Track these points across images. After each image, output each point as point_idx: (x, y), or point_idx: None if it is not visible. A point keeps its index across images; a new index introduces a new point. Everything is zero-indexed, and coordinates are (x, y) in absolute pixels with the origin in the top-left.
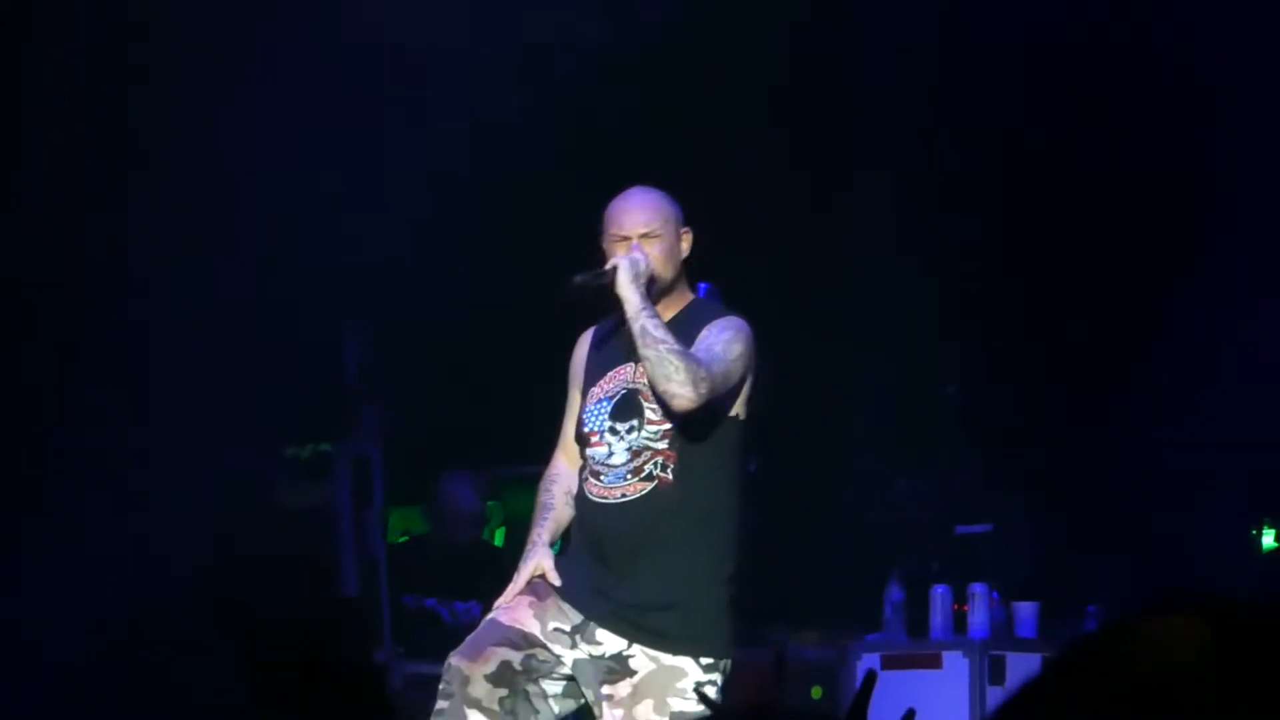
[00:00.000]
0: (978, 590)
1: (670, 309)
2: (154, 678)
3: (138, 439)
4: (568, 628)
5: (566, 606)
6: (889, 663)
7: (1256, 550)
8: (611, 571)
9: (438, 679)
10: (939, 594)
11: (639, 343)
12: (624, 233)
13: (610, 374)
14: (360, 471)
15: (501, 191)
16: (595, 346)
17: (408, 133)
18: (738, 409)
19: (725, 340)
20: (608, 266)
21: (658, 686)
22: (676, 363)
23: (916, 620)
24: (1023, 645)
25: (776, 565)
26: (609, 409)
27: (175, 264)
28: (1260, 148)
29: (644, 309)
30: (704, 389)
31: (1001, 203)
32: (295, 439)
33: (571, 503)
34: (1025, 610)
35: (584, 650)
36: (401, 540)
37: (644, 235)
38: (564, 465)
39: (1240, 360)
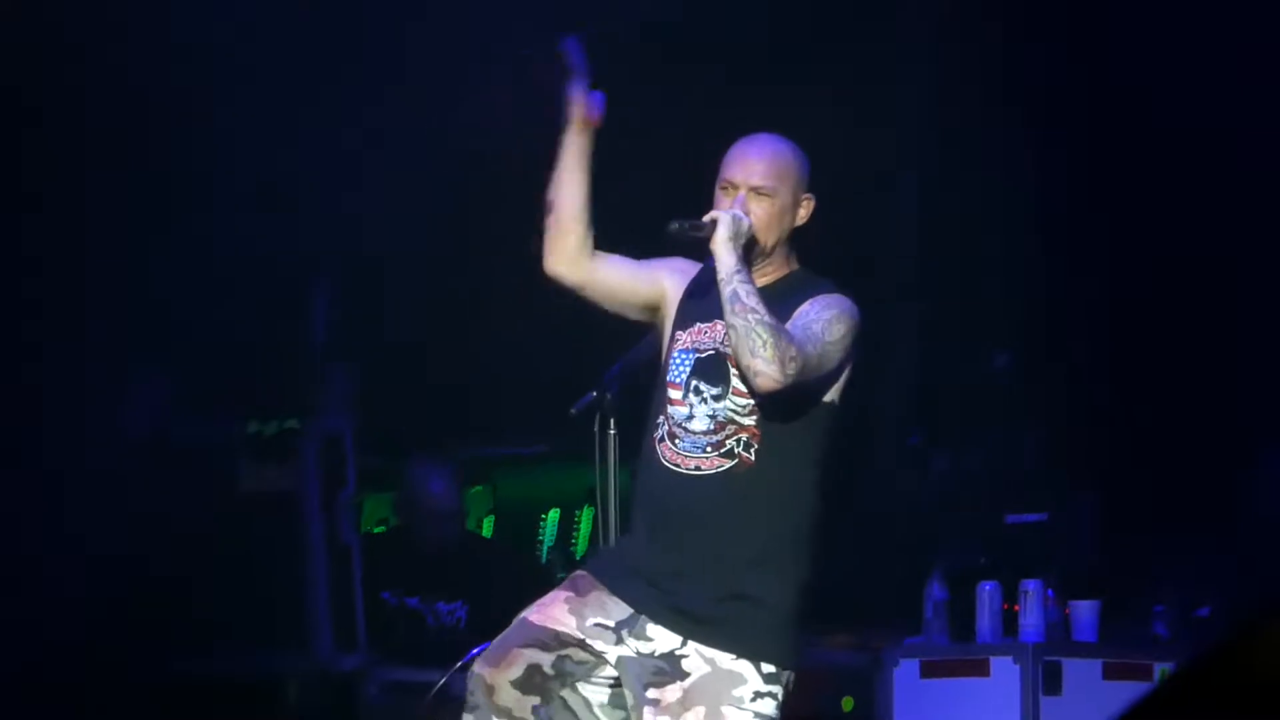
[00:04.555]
0: (1030, 587)
1: (768, 276)
2: (95, 680)
3: (70, 411)
4: (611, 623)
5: (612, 601)
6: (930, 670)
7: None
8: (664, 549)
9: (417, 687)
10: (986, 591)
11: (727, 309)
12: (733, 181)
13: (702, 326)
14: (330, 451)
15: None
16: (693, 286)
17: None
18: (833, 394)
19: (827, 320)
20: (707, 219)
21: (711, 693)
22: (765, 336)
23: (961, 621)
24: (1082, 650)
25: None
26: (692, 364)
27: (119, 207)
28: None
29: (738, 272)
30: (792, 369)
31: (1065, 138)
32: (257, 413)
33: (585, 210)
34: (1084, 610)
35: (631, 647)
36: (378, 530)
37: (753, 189)
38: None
39: None
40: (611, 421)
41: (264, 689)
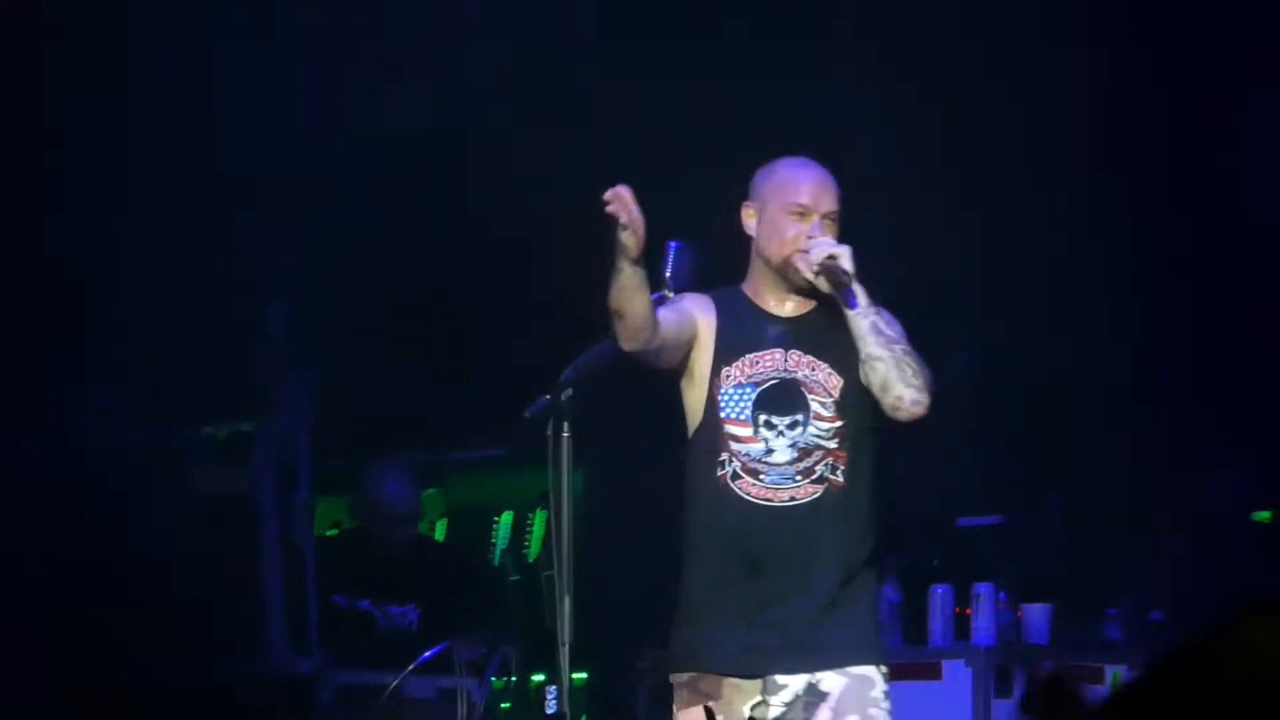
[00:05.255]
0: (983, 590)
1: (811, 300)
2: (45, 684)
3: (22, 415)
4: (757, 698)
5: (739, 683)
6: None
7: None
8: (764, 583)
9: (370, 690)
10: (939, 594)
11: (870, 341)
12: (806, 206)
13: (751, 357)
14: (284, 454)
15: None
16: (728, 319)
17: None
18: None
19: (901, 333)
20: (823, 257)
21: (855, 700)
22: (914, 365)
23: (913, 624)
24: (1033, 653)
25: None
26: (754, 397)
27: (77, 211)
28: None
29: (872, 302)
30: (930, 394)
31: (1022, 135)
32: (211, 416)
33: (651, 308)
34: (1036, 613)
35: (776, 703)
36: (330, 533)
37: (825, 215)
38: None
39: None
40: (565, 425)
41: (218, 692)
